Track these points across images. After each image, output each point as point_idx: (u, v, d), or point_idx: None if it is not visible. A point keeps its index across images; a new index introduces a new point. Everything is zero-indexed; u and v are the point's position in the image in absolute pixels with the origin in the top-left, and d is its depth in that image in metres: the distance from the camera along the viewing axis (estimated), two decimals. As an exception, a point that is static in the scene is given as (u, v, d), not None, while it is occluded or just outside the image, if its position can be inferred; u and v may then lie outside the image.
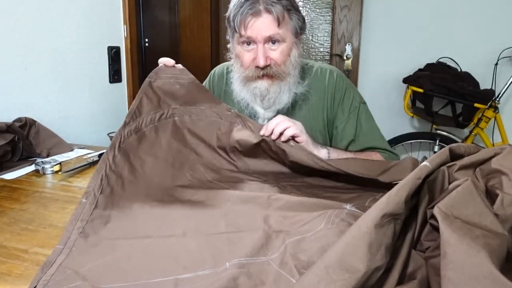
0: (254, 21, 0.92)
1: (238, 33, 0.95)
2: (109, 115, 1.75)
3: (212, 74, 1.21)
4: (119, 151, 0.83)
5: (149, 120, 0.92)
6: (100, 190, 0.73)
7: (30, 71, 1.36)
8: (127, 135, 0.87)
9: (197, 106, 0.97)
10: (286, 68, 0.97)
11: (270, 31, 0.92)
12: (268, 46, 0.95)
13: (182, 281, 0.50)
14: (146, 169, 0.84)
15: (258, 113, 1.04)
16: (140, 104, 0.92)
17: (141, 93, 0.94)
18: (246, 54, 0.97)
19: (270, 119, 1.03)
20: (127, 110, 0.95)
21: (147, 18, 2.00)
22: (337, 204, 0.68)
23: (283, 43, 0.95)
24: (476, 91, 1.95)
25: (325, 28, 2.42)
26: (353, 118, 1.04)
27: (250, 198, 0.73)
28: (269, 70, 0.96)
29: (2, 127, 1.08)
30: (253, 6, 0.91)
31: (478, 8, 2.15)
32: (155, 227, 0.65)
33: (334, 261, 0.41)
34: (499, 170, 0.50)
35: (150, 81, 0.96)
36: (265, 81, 0.98)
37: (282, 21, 0.92)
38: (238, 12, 0.92)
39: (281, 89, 0.99)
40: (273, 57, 0.96)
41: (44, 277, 0.51)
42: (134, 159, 0.84)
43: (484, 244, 0.39)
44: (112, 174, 0.78)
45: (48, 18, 1.41)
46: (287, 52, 0.96)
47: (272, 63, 0.96)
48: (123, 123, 0.88)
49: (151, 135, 0.90)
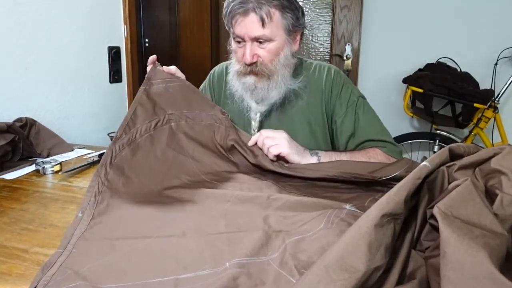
0: (242, 20, 0.94)
1: (231, 30, 0.98)
2: (109, 115, 1.75)
3: (212, 74, 1.22)
4: (111, 167, 0.80)
5: (144, 130, 0.90)
6: (96, 204, 0.71)
7: (30, 71, 1.36)
8: (119, 150, 0.84)
9: (192, 111, 0.97)
10: (273, 66, 0.99)
11: (256, 32, 0.94)
12: (256, 44, 0.97)
13: (182, 281, 0.50)
14: (142, 178, 0.82)
15: (251, 106, 1.06)
16: (135, 114, 0.90)
17: (135, 103, 0.92)
18: (239, 50, 1.00)
19: (262, 113, 1.06)
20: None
21: (147, 18, 2.00)
22: (336, 204, 0.68)
23: (271, 42, 0.97)
24: (475, 91, 1.95)
25: (325, 28, 2.42)
26: (351, 112, 1.05)
27: (250, 198, 0.74)
28: (254, 68, 0.99)
29: (2, 127, 1.08)
30: (242, 6, 0.92)
31: (478, 8, 2.15)
32: (155, 227, 0.65)
33: (334, 261, 0.41)
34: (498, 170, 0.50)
35: (145, 88, 0.94)
36: (252, 77, 1.00)
37: (270, 22, 0.93)
38: (230, 9, 0.95)
39: (269, 86, 1.01)
40: (260, 54, 0.98)
41: (44, 277, 0.52)
42: (129, 171, 0.82)
43: (483, 244, 0.39)
44: (106, 189, 0.76)
45: (48, 18, 1.41)
46: (275, 51, 0.98)
47: (259, 61, 0.98)
48: (114, 138, 0.85)
49: (145, 145, 0.89)
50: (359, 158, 0.95)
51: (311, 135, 1.07)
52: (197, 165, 0.92)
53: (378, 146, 1.01)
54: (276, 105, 1.05)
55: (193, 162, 0.92)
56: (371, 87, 2.38)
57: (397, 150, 1.03)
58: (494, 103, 2.00)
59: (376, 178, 0.79)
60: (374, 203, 0.47)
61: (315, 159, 0.93)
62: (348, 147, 1.05)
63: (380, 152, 1.00)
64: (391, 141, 1.04)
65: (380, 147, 1.01)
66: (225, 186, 0.83)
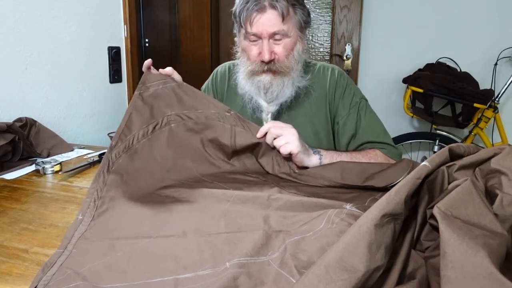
0: (259, 17, 0.94)
1: (244, 29, 0.97)
2: (109, 115, 1.75)
3: (215, 74, 1.22)
4: (109, 174, 0.79)
5: (141, 135, 0.88)
6: (96, 208, 0.71)
7: (30, 71, 1.36)
8: (115, 158, 0.83)
9: (194, 110, 0.94)
10: (289, 62, 0.99)
11: (275, 27, 0.94)
12: (272, 41, 0.97)
13: (182, 281, 0.50)
14: (142, 183, 0.81)
15: (262, 106, 1.06)
16: (130, 121, 0.88)
17: (130, 109, 0.90)
18: (253, 48, 0.99)
19: (273, 113, 1.06)
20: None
21: (147, 18, 2.00)
22: (337, 204, 0.68)
23: (287, 37, 0.97)
24: (475, 91, 1.95)
25: (325, 28, 2.43)
26: (354, 114, 1.05)
27: (250, 198, 0.73)
28: (272, 66, 0.99)
29: (2, 127, 1.08)
30: (258, 2, 0.92)
31: (478, 8, 2.15)
32: (155, 227, 0.65)
33: (334, 261, 0.41)
34: (498, 170, 0.50)
35: (140, 93, 0.92)
36: (269, 75, 1.00)
37: (287, 16, 0.94)
38: (243, 8, 0.94)
39: (284, 83, 1.01)
40: (277, 51, 0.98)
41: (44, 277, 0.52)
42: (127, 177, 0.81)
43: (483, 244, 0.39)
44: (105, 194, 0.75)
45: (48, 18, 1.41)
46: (290, 46, 0.98)
47: (276, 58, 0.98)
48: (109, 146, 0.84)
49: (144, 150, 0.87)
50: (359, 159, 0.95)
51: (314, 136, 1.07)
52: (197, 166, 0.91)
53: (379, 148, 1.01)
54: (286, 104, 1.05)
55: (193, 164, 0.91)
56: (371, 87, 2.38)
57: (397, 152, 1.03)
58: (494, 103, 2.00)
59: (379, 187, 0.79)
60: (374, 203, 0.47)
61: (317, 158, 0.93)
62: (349, 148, 1.05)
63: (380, 154, 1.00)
64: (391, 143, 1.04)
65: (380, 148, 1.01)
66: (225, 186, 0.83)
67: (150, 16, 2.05)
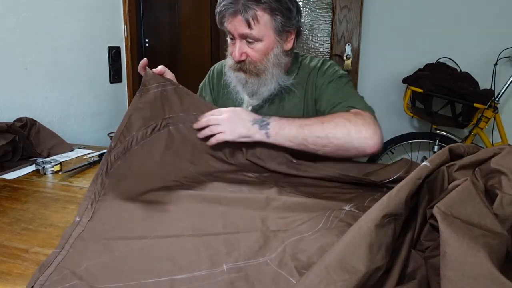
0: (231, 19, 0.96)
1: (224, 27, 1.00)
2: (109, 115, 1.75)
3: (212, 71, 1.25)
4: (107, 176, 0.79)
5: (140, 137, 0.88)
6: (93, 210, 0.71)
7: (30, 71, 1.36)
8: (114, 159, 0.82)
9: (190, 113, 0.96)
10: (263, 65, 1.00)
11: (243, 30, 0.96)
12: (245, 42, 0.99)
13: (178, 282, 0.50)
14: (140, 184, 0.81)
15: (243, 99, 1.09)
16: (129, 122, 0.88)
17: (130, 110, 0.90)
18: (231, 46, 1.03)
19: (254, 107, 1.08)
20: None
21: (147, 18, 2.00)
22: (336, 205, 0.68)
23: (260, 42, 0.98)
24: (475, 91, 1.95)
25: (325, 28, 2.43)
26: (333, 86, 1.03)
27: (248, 199, 0.74)
28: (243, 66, 1.01)
29: (2, 127, 1.08)
30: (232, 6, 0.94)
31: (478, 8, 2.15)
32: (152, 228, 0.64)
33: (335, 261, 0.41)
34: (498, 170, 0.50)
35: (141, 95, 0.93)
36: (242, 73, 1.03)
37: (256, 24, 0.95)
38: (220, 8, 0.97)
39: (259, 82, 1.02)
40: (249, 53, 1.00)
41: (41, 277, 0.52)
42: (125, 179, 0.81)
43: (483, 244, 0.39)
44: (103, 197, 0.75)
45: (48, 18, 1.41)
46: (264, 51, 0.99)
47: (248, 59, 1.00)
48: (108, 148, 0.84)
49: (142, 152, 0.87)
50: (314, 123, 0.90)
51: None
52: (195, 167, 0.91)
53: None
54: (268, 100, 1.07)
55: (191, 165, 0.91)
56: (371, 87, 2.38)
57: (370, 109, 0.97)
58: (494, 103, 2.00)
59: (376, 182, 0.80)
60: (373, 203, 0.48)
61: (263, 133, 0.89)
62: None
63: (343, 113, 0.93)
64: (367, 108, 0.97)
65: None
66: (223, 187, 0.83)
67: (150, 16, 2.05)
